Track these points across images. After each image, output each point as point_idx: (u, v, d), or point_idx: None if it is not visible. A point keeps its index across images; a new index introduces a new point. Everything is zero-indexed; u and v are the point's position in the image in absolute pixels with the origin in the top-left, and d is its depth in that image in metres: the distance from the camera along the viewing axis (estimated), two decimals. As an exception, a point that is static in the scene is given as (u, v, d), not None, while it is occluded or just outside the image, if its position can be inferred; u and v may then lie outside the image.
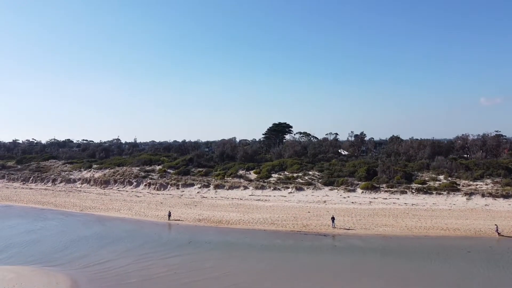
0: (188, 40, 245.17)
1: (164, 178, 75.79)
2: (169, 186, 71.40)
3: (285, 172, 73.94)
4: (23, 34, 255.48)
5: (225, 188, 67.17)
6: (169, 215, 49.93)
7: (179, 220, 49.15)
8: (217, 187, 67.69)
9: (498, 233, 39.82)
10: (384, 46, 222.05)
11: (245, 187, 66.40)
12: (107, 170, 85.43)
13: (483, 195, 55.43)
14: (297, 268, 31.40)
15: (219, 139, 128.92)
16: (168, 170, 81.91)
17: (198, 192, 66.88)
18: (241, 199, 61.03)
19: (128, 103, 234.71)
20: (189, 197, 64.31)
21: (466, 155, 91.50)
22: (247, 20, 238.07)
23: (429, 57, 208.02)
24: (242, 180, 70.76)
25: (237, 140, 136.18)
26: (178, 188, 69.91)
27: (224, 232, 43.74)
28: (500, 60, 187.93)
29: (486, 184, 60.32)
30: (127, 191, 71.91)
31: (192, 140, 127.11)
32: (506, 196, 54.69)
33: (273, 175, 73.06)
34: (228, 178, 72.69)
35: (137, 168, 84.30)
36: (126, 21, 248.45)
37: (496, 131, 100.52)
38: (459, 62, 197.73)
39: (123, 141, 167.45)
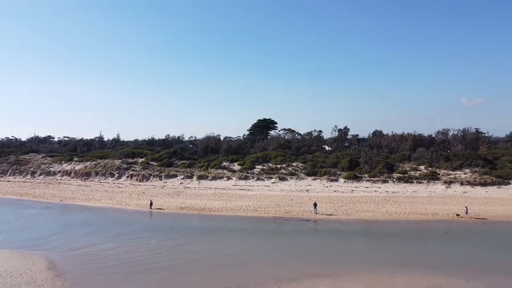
0: (172, 38, 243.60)
1: (147, 170, 75.03)
2: (151, 177, 70.77)
3: (269, 164, 74.04)
4: None
5: (208, 178, 66.93)
6: (151, 204, 49.40)
7: (161, 209, 48.66)
8: (200, 178, 67.38)
9: (467, 215, 40.98)
10: (372, 45, 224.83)
11: (229, 178, 66.31)
12: (89, 163, 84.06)
13: (461, 183, 56.64)
14: (280, 248, 31.57)
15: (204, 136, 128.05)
16: (151, 163, 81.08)
17: (181, 183, 66.47)
18: (224, 189, 60.94)
19: (111, 102, 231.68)
20: (171, 188, 63.85)
21: (446, 150, 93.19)
22: (231, 17, 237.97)
23: (414, 58, 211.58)
24: (225, 171, 70.65)
25: (222, 137, 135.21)
26: (161, 179, 69.35)
27: (207, 218, 43.57)
28: (482, 62, 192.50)
29: (465, 173, 61.61)
30: (108, 183, 71.00)
31: (176, 135, 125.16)
32: (484, 184, 56.03)
33: (257, 166, 73.10)
34: (211, 170, 72.41)
35: (119, 160, 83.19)
36: (106, 19, 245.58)
37: (476, 129, 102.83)
38: (443, 63, 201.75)
39: (105, 139, 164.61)
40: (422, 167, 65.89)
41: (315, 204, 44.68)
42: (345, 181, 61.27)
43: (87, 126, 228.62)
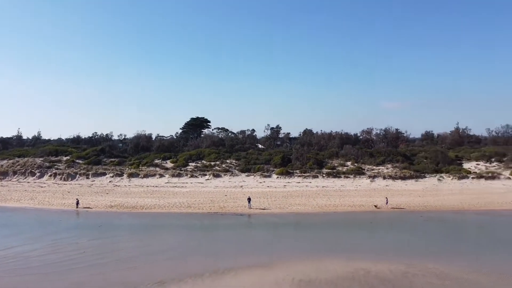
0: (102, 34, 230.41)
1: (72, 168, 70.70)
2: (77, 176, 66.78)
3: (203, 161, 73.57)
4: None
5: (139, 176, 64.80)
6: (77, 203, 46.64)
7: (88, 207, 46.14)
8: (131, 175, 65.00)
9: (387, 205, 44.36)
10: (304, 47, 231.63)
11: (161, 175, 64.75)
12: (5, 161, 77.17)
13: (384, 178, 60.88)
14: (215, 242, 31.65)
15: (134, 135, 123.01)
16: (77, 161, 76.52)
17: (110, 181, 63.57)
18: (156, 186, 59.40)
19: (29, 98, 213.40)
20: (100, 186, 60.82)
21: (370, 147, 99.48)
22: (162, 12, 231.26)
23: (340, 64, 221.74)
24: (158, 169, 68.88)
25: (154, 136, 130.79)
26: (88, 178, 65.73)
27: (139, 216, 42.19)
28: (400, 69, 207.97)
29: (387, 169, 66.30)
30: (29, 182, 65.74)
31: (104, 133, 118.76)
32: (403, 178, 60.76)
33: (190, 164, 72.26)
34: (143, 167, 70.21)
35: (41, 159, 77.38)
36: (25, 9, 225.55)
37: (396, 129, 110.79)
38: (365, 69, 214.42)
39: (24, 137, 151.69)
40: (349, 163, 69.68)
41: (249, 199, 45.27)
42: (277, 177, 62.79)
43: (2, 124, 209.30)
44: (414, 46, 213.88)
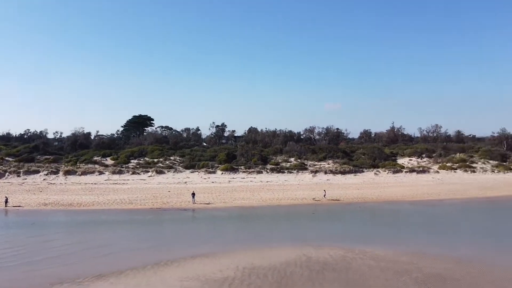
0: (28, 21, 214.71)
1: (1, 166, 65.57)
2: (7, 174, 61.98)
3: (146, 158, 71.60)
4: None
5: (77, 174, 61.55)
6: (6, 202, 43.33)
7: (19, 206, 43.02)
8: (67, 173, 61.55)
9: (325, 198, 46.13)
10: (248, 48, 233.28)
11: (101, 172, 62.05)
12: None
13: (325, 172, 63.09)
14: (158, 235, 31.01)
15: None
16: (7, 158, 71.21)
17: (44, 179, 59.71)
18: (95, 183, 56.76)
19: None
20: (32, 184, 56.92)
21: (313, 145, 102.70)
22: (93, 4, 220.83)
23: (284, 66, 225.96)
24: (97, 166, 65.94)
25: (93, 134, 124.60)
26: (19, 176, 61.21)
27: (77, 213, 40.03)
28: (341, 73, 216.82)
29: (328, 164, 68.73)
30: None
31: (38, 130, 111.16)
32: (343, 173, 63.36)
33: (132, 161, 70.02)
34: (81, 165, 66.84)
35: (-37, 156, 71.02)
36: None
37: (337, 128, 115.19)
38: (309, 71, 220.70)
39: None
40: (292, 159, 71.35)
41: (193, 194, 44.75)
42: (222, 173, 62.74)
43: None
44: (355, 45, 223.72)
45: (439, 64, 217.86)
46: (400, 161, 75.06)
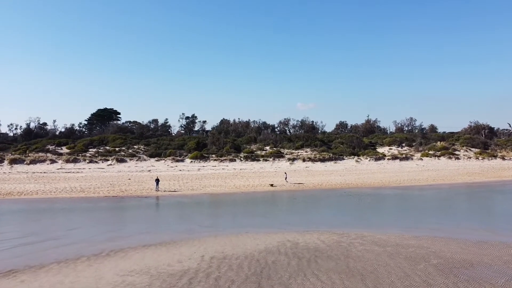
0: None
1: None
2: None
3: (106, 147, 64.87)
4: None
5: (25, 162, 54.36)
6: None
7: None
8: (13, 161, 54.25)
9: (287, 181, 42.41)
10: (222, 46, 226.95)
11: (53, 161, 55.07)
12: None
13: (304, 160, 58.42)
14: (107, 222, 25.12)
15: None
16: None
17: (-15, 169, 52.28)
18: (45, 172, 49.86)
19: None
20: (-30, 174, 49.50)
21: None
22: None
23: (257, 67, 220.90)
24: (49, 155, 58.74)
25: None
26: (-46, 166, 53.53)
27: (13, 202, 33.55)
28: (313, 74, 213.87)
29: (306, 152, 64.15)
30: None
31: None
32: (322, 160, 58.89)
33: (91, 149, 63.11)
34: (31, 153, 59.44)
35: None
36: None
37: (312, 121, 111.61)
38: (284, 73, 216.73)
39: None
40: (267, 147, 66.38)
41: (157, 180, 39.02)
42: (191, 161, 57.07)
43: None
44: (326, 47, 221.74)
45: (413, 63, 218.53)
46: (380, 150, 71.52)
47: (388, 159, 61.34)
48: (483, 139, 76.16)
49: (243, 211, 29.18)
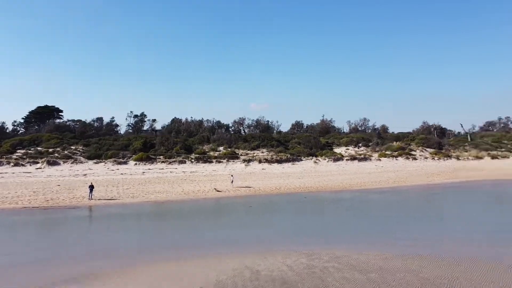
0: None
1: None
2: None
3: (38, 148, 57.34)
4: None
5: None
6: None
7: None
8: None
9: (232, 185, 38.80)
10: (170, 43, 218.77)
11: (-32, 165, 47.14)
12: None
13: (260, 161, 54.52)
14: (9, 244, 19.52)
15: None
16: None
17: None
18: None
19: None
20: None
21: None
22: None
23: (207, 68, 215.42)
24: (-35, 157, 50.54)
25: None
26: None
27: None
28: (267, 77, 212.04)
29: (262, 152, 60.35)
30: None
31: None
32: (279, 161, 55.28)
33: (19, 150, 55.39)
34: None
35: None
36: None
37: (268, 120, 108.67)
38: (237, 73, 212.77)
39: None
40: (221, 148, 61.87)
41: (91, 187, 33.34)
42: (136, 163, 51.30)
43: None
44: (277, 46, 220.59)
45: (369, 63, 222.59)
46: (337, 150, 69.31)
47: (346, 159, 59.00)
48: (438, 139, 76.33)
49: (190, 225, 24.49)
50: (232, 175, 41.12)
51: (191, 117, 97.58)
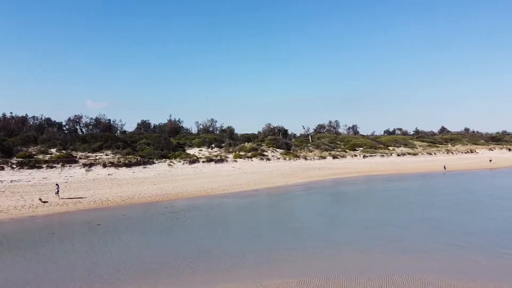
0: None
1: None
2: None
3: None
4: None
5: None
6: None
7: None
8: None
9: (57, 195, 31.55)
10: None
11: None
12: None
13: (104, 165, 46.62)
14: None
15: None
16: None
17: None
18: None
19: None
20: None
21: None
22: None
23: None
24: None
25: None
26: None
27: None
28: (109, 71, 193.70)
29: (107, 155, 52.21)
30: None
31: None
32: (128, 165, 48.42)
33: None
34: None
35: None
36: None
37: (109, 119, 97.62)
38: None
39: None
40: (53, 150, 51.18)
41: None
42: None
43: None
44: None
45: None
46: (190, 151, 65.56)
47: (203, 161, 55.62)
48: (285, 140, 79.71)
49: (11, 258, 17.19)
50: (57, 184, 32.71)
51: (11, 113, 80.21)
